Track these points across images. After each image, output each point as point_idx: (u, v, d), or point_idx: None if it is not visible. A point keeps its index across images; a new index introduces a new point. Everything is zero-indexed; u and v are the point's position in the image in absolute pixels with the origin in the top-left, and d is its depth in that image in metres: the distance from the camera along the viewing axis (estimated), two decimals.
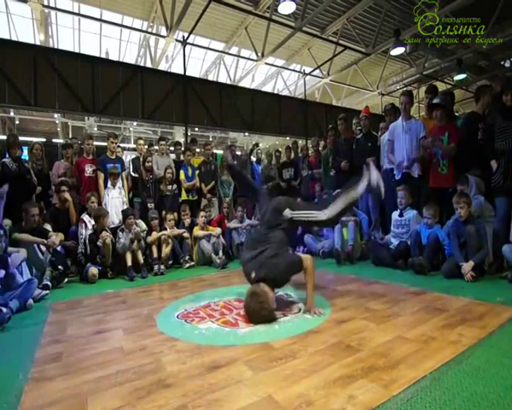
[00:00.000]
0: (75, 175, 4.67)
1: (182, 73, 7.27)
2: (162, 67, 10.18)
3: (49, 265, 3.46)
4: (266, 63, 9.65)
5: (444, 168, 3.68)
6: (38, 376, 1.54)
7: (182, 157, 5.61)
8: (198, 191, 5.36)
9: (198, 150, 5.76)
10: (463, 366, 1.40)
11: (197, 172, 5.34)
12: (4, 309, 2.26)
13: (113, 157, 4.81)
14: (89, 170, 4.65)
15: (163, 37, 7.73)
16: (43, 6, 7.01)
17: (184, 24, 7.22)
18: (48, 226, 3.86)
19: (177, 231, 4.43)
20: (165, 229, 4.36)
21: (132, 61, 10.15)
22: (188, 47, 7.66)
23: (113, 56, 10.13)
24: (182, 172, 5.23)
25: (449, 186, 3.62)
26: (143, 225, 4.37)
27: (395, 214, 3.81)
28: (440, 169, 3.69)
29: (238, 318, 2.20)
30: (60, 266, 3.49)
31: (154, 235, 4.23)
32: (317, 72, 10.53)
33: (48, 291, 3.11)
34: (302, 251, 4.95)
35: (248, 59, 9.74)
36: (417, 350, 1.57)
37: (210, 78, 11.76)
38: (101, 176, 4.63)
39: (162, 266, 4.02)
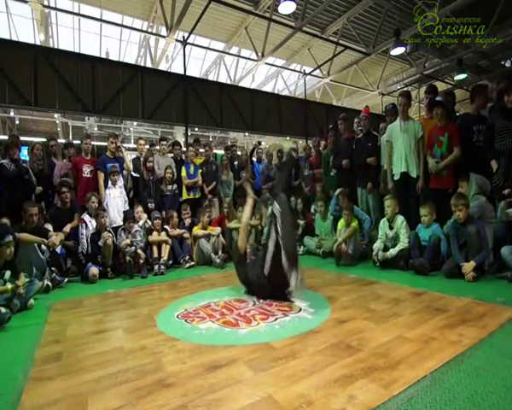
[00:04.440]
0: (73, 175, 4.67)
1: (182, 73, 7.27)
2: (162, 67, 10.18)
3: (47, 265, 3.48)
4: (266, 63, 9.65)
5: (443, 169, 3.67)
6: (38, 376, 1.54)
7: (179, 157, 5.60)
8: (201, 190, 5.34)
9: (202, 150, 5.76)
10: (464, 366, 1.40)
11: (200, 170, 5.31)
12: (4, 309, 2.26)
13: (112, 156, 4.81)
14: (86, 170, 4.63)
15: (163, 37, 7.72)
16: (44, 6, 7.01)
17: (184, 24, 7.21)
18: (48, 226, 3.86)
19: (177, 232, 4.43)
20: (166, 229, 4.36)
21: (132, 61, 10.15)
22: (188, 47, 7.65)
23: (114, 56, 10.15)
24: (183, 169, 5.19)
25: (448, 187, 3.62)
26: (149, 222, 4.42)
27: (385, 226, 3.77)
28: (440, 170, 3.69)
29: (238, 318, 2.19)
30: (53, 268, 3.50)
31: (155, 235, 4.23)
32: (317, 72, 10.53)
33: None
34: (302, 251, 4.96)
35: (248, 59, 9.74)
36: (418, 350, 1.57)
37: (210, 78, 11.76)
38: (102, 176, 4.62)
39: (162, 266, 4.01)
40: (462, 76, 9.64)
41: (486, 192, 3.40)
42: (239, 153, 7.16)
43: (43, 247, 3.50)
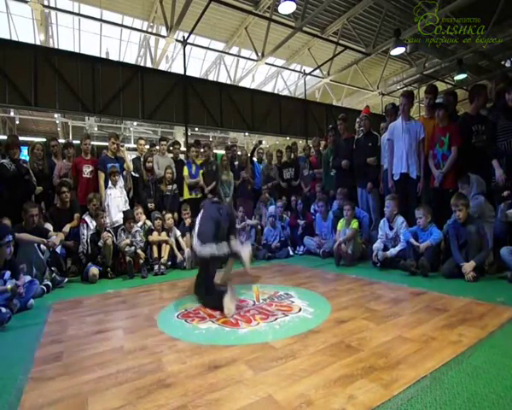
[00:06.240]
0: (72, 175, 4.66)
1: (182, 73, 7.27)
2: (162, 67, 10.18)
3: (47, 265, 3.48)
4: (266, 63, 9.65)
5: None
6: (38, 376, 1.54)
7: (180, 156, 5.60)
8: (202, 190, 5.33)
9: (202, 150, 5.78)
10: (464, 366, 1.40)
11: (201, 171, 5.31)
12: (4, 309, 2.26)
13: (113, 156, 4.81)
14: (86, 170, 4.63)
15: (163, 37, 7.72)
16: (44, 6, 7.01)
17: (184, 24, 7.22)
18: (48, 226, 3.86)
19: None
20: (166, 229, 4.35)
21: (132, 61, 10.15)
22: (188, 47, 7.65)
23: (114, 56, 10.14)
24: (185, 169, 5.19)
25: (449, 187, 3.62)
26: (149, 223, 4.42)
27: (385, 226, 3.76)
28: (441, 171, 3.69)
29: (238, 318, 2.20)
30: (53, 268, 3.50)
31: (155, 235, 4.23)
32: (317, 72, 10.53)
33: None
34: (302, 251, 4.97)
35: (248, 59, 9.73)
36: (417, 350, 1.57)
37: (210, 78, 11.75)
38: (102, 176, 4.62)
39: (162, 266, 4.02)
40: (462, 76, 9.64)
41: (483, 192, 3.41)
42: (239, 153, 7.15)
43: (43, 247, 3.49)
